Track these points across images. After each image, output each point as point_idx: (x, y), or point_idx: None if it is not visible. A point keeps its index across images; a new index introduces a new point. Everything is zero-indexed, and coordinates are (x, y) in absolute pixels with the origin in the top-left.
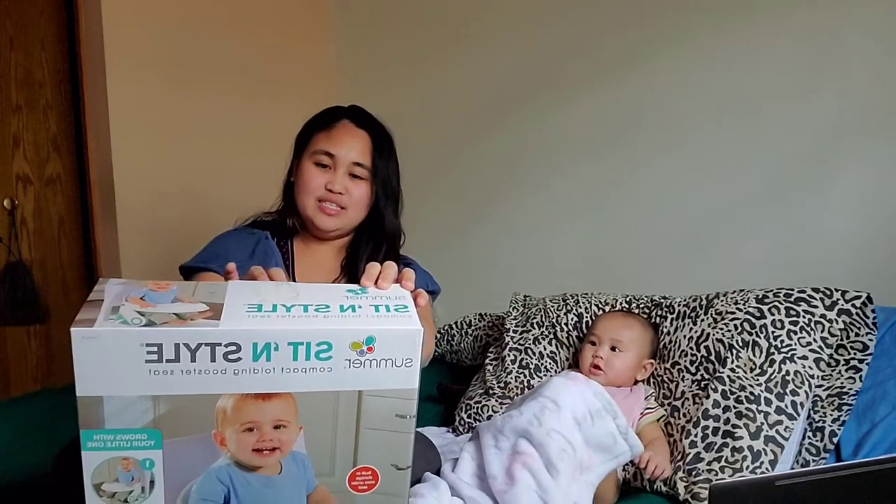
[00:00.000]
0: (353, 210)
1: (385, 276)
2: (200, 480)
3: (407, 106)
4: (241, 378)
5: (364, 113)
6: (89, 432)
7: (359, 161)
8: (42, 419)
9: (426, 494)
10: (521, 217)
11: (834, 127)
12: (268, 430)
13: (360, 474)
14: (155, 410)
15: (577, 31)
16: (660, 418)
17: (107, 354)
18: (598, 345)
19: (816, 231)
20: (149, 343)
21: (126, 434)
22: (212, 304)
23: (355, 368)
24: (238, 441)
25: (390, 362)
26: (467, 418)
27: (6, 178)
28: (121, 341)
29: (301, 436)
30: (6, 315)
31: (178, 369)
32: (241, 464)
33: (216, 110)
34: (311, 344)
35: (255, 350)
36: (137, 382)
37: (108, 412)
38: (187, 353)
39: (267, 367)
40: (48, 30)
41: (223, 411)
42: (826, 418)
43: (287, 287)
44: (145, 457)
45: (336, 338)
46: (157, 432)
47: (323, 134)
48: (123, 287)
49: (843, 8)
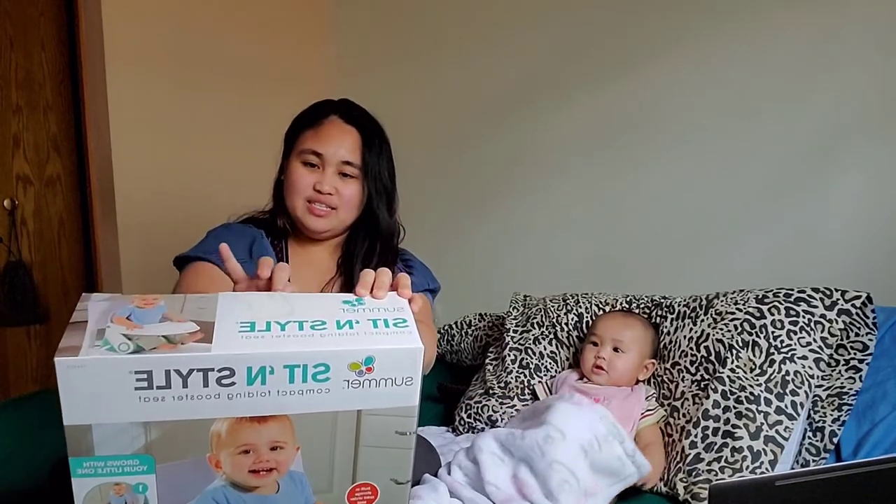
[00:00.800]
0: (343, 210)
1: (380, 284)
2: (195, 502)
3: (407, 106)
4: (236, 402)
5: (354, 107)
6: (79, 459)
7: (348, 159)
8: (42, 420)
9: (424, 496)
10: (521, 217)
11: (834, 127)
12: (264, 451)
13: (359, 490)
14: (146, 436)
15: (578, 30)
16: (660, 419)
17: (94, 383)
18: (600, 345)
19: (816, 231)
20: (138, 371)
21: (117, 460)
22: (202, 323)
23: (354, 389)
24: (233, 464)
25: (390, 381)
26: (467, 418)
27: (6, 178)
28: (108, 369)
29: (298, 455)
30: (6, 315)
31: (169, 395)
32: (237, 484)
33: (217, 110)
34: (307, 366)
35: (249, 374)
36: (127, 410)
37: (98, 439)
38: (178, 378)
39: (262, 390)
40: (48, 30)
41: (217, 435)
42: (826, 418)
43: (280, 299)
44: (138, 481)
45: (334, 359)
46: (150, 458)
47: (310, 132)
48: (108, 304)
49: (843, 8)
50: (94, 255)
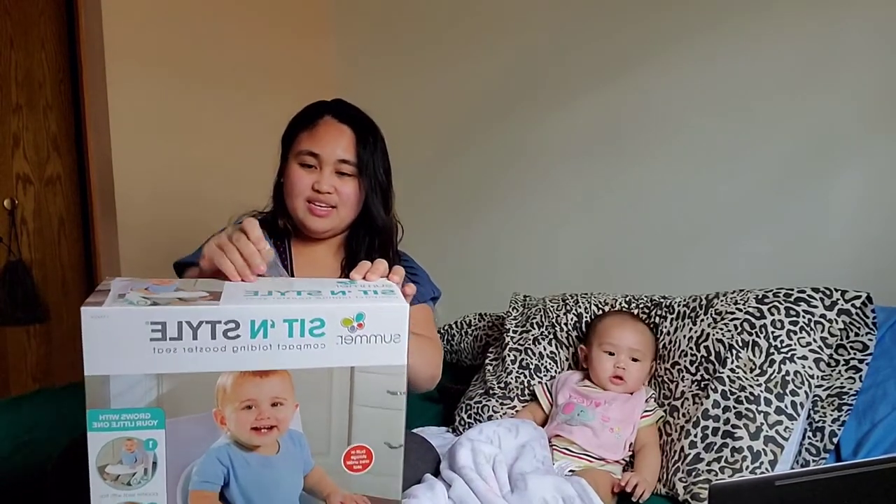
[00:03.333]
0: (343, 208)
1: (374, 270)
2: (201, 462)
3: (407, 105)
4: (240, 355)
5: (347, 106)
6: (95, 412)
7: (344, 158)
8: (41, 419)
9: (420, 495)
10: (521, 217)
11: (834, 126)
12: (265, 407)
13: (354, 453)
14: (158, 389)
15: (579, 30)
16: (658, 420)
17: (114, 333)
18: (617, 354)
19: (816, 231)
20: (153, 321)
21: (130, 413)
22: (211, 292)
23: (347, 345)
24: (237, 419)
25: (379, 338)
26: (467, 418)
27: (6, 178)
28: (127, 320)
29: (297, 414)
30: (6, 315)
31: (180, 347)
32: (241, 443)
33: (217, 110)
34: (304, 321)
35: (252, 327)
36: (142, 361)
37: (114, 392)
38: (189, 330)
39: (264, 343)
40: (48, 30)
41: (223, 389)
42: (826, 418)
43: (282, 280)
44: (148, 437)
45: (328, 314)
46: (160, 411)
47: (306, 133)
48: (129, 282)
49: (843, 7)
50: (94, 254)
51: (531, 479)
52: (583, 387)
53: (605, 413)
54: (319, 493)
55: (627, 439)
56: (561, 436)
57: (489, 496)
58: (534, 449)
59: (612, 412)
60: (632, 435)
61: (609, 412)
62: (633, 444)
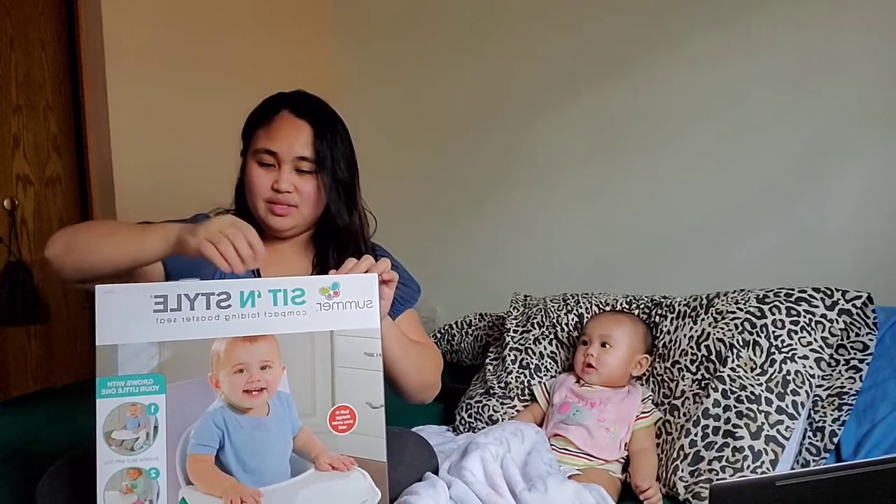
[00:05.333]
0: (305, 206)
1: (358, 266)
2: (198, 425)
3: (407, 104)
4: (232, 322)
5: (306, 98)
6: (104, 379)
7: (302, 154)
8: (41, 419)
9: (422, 493)
10: (521, 217)
11: (834, 126)
12: (255, 370)
13: (339, 413)
14: (160, 356)
15: (578, 30)
16: (656, 422)
17: (122, 306)
18: (590, 344)
19: (817, 231)
20: (156, 295)
21: (135, 380)
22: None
23: (325, 311)
24: (230, 382)
25: (354, 304)
26: (468, 418)
27: (6, 178)
28: (134, 294)
29: (284, 376)
30: (6, 315)
31: (179, 317)
32: (234, 405)
33: (217, 110)
34: (287, 290)
35: (241, 297)
36: (147, 330)
37: (122, 359)
38: (187, 301)
39: (252, 311)
40: (48, 30)
41: (217, 355)
42: (826, 418)
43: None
44: (151, 402)
45: (307, 284)
46: (161, 377)
47: (262, 130)
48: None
49: (843, 7)
50: None
51: (551, 483)
52: (579, 387)
53: (600, 413)
54: (308, 454)
55: (623, 439)
56: (559, 435)
57: (492, 498)
58: (540, 452)
59: (607, 412)
60: (626, 435)
61: (605, 412)
62: (627, 443)
